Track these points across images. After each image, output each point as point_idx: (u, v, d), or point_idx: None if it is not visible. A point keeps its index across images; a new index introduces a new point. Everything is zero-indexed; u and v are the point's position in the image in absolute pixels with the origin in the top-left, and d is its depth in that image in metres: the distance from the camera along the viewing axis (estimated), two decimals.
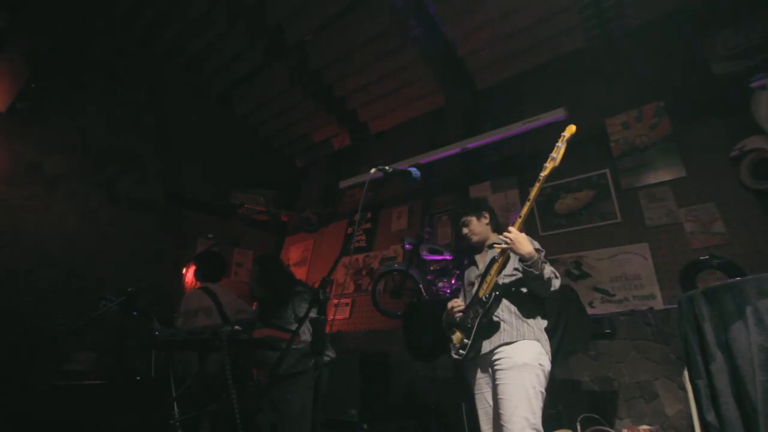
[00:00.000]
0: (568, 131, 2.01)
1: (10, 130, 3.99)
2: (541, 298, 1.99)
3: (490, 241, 2.20)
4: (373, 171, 1.80)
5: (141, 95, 4.31)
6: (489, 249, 2.18)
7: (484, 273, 2.04)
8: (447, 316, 2.12)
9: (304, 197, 6.47)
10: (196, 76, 5.41)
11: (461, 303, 2.09)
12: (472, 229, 2.23)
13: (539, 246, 1.97)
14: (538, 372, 1.80)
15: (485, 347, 1.92)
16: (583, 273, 3.55)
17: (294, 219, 6.15)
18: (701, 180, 3.26)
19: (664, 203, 3.37)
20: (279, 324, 2.62)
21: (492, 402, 1.91)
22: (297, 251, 6.02)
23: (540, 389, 1.78)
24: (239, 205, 5.56)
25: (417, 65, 4.69)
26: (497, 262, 1.95)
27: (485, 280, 1.99)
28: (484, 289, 1.97)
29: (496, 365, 1.87)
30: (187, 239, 5.15)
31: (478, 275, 2.11)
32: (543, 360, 1.85)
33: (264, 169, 6.16)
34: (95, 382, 3.00)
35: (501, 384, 1.81)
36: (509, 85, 4.63)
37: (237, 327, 1.99)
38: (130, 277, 4.38)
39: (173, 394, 2.49)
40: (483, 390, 1.97)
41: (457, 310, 2.06)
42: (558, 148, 1.97)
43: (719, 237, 3.05)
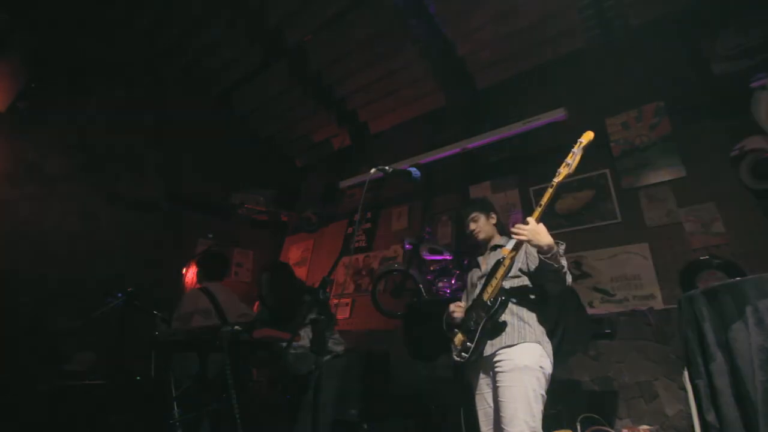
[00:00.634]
0: (585, 138, 1.90)
1: (10, 130, 3.99)
2: (543, 299, 1.97)
3: (494, 242, 2.18)
4: (373, 171, 1.80)
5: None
6: (492, 251, 2.15)
7: (488, 275, 2.00)
8: (448, 318, 2.10)
9: (304, 197, 6.47)
10: (196, 76, 5.42)
11: (462, 305, 2.07)
12: (480, 226, 2.18)
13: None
14: (538, 375, 1.79)
15: (487, 350, 1.91)
16: (583, 273, 3.55)
17: (294, 219, 6.15)
18: (701, 180, 3.26)
19: (664, 203, 3.37)
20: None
21: (492, 404, 1.91)
22: (297, 251, 6.02)
23: (540, 392, 1.77)
24: (239, 205, 5.56)
25: (417, 65, 4.69)
26: (503, 265, 1.91)
27: (490, 282, 1.96)
28: (488, 293, 1.93)
29: (496, 367, 1.86)
30: (187, 239, 5.15)
31: (481, 276, 2.09)
32: (544, 363, 1.84)
33: (264, 169, 6.16)
34: (95, 382, 3.00)
35: (501, 386, 1.80)
36: (509, 85, 4.63)
37: (237, 327, 1.99)
38: (130, 277, 4.38)
39: (173, 394, 2.49)
40: (483, 391, 1.96)
41: (459, 313, 2.04)
42: (574, 154, 1.88)
43: (719, 237, 3.05)
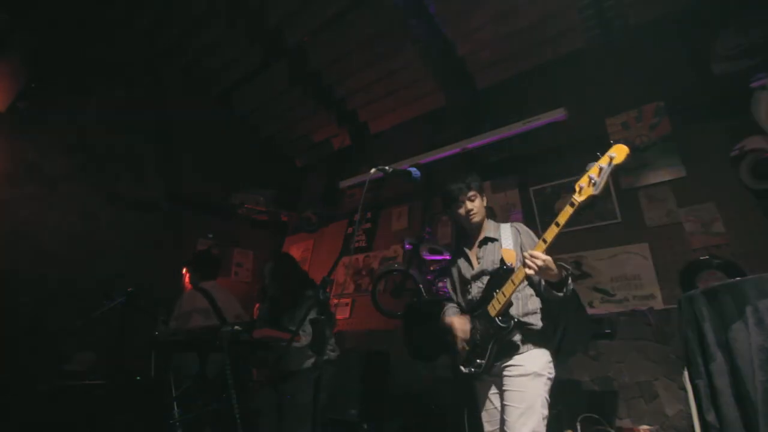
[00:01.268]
0: (619, 154, 1.55)
1: (10, 130, 3.99)
2: (547, 303, 1.93)
3: (485, 234, 2.04)
4: (373, 171, 1.79)
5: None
6: (484, 244, 2.02)
7: (489, 284, 1.89)
8: (447, 329, 2.02)
9: (304, 197, 6.47)
10: (196, 76, 5.42)
11: (465, 323, 1.95)
12: (478, 207, 2.00)
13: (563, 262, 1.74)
14: (546, 380, 1.77)
15: (499, 363, 1.85)
16: (583, 273, 3.54)
17: (294, 219, 6.15)
18: (701, 180, 3.26)
19: (664, 203, 3.37)
20: (286, 326, 2.61)
21: (498, 406, 1.87)
22: (297, 251, 6.02)
23: (547, 397, 1.76)
24: (239, 205, 5.56)
25: (417, 65, 4.68)
26: (512, 282, 1.76)
27: (495, 296, 1.84)
28: (495, 308, 1.82)
29: (505, 372, 1.82)
30: (187, 239, 5.15)
31: (475, 276, 2.00)
32: (551, 368, 1.82)
33: (264, 169, 6.16)
34: (95, 382, 3.00)
35: (510, 391, 1.77)
36: (509, 85, 4.63)
37: (237, 327, 1.98)
38: (130, 277, 4.38)
39: (173, 394, 2.49)
40: (489, 393, 1.92)
41: (462, 334, 1.93)
42: (602, 171, 1.55)
43: (719, 237, 3.05)
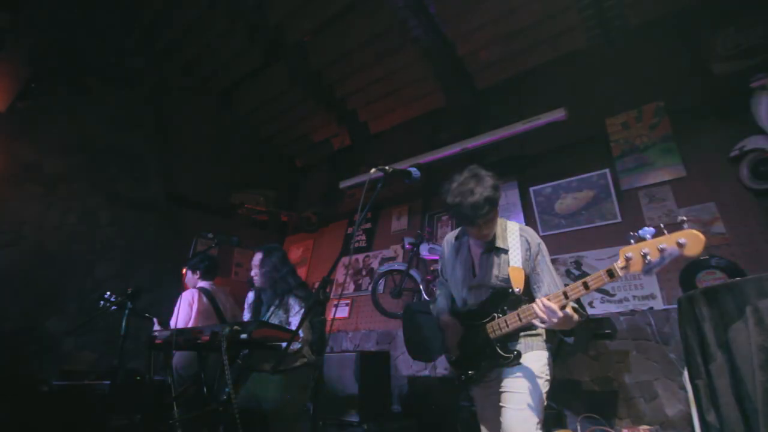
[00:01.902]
0: (691, 244, 1.22)
1: (10, 130, 3.99)
2: None
3: (494, 243, 1.86)
4: (373, 171, 1.78)
5: None
6: (491, 252, 1.85)
7: (491, 302, 1.80)
8: (441, 328, 1.99)
9: (304, 197, 6.47)
10: (196, 75, 5.42)
11: (458, 331, 1.89)
12: (492, 227, 1.82)
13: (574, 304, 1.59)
14: (544, 383, 1.74)
15: (491, 374, 1.83)
16: (583, 273, 3.55)
17: (294, 219, 6.15)
18: (701, 180, 3.26)
19: (664, 203, 3.37)
20: (271, 324, 2.60)
21: (495, 406, 1.82)
22: (297, 251, 6.02)
23: (544, 399, 1.73)
24: (239, 205, 5.57)
25: (417, 65, 4.69)
26: (519, 318, 1.68)
27: (496, 317, 1.76)
28: (495, 333, 1.75)
29: (505, 374, 1.78)
30: (187, 239, 5.15)
31: (474, 285, 1.88)
32: (549, 369, 1.79)
33: (264, 169, 6.16)
34: (95, 382, 3.00)
35: (509, 392, 1.72)
36: (509, 85, 4.63)
37: (236, 327, 1.98)
38: (130, 277, 4.39)
39: (173, 394, 2.49)
40: (485, 393, 1.88)
41: (454, 340, 1.89)
42: (662, 255, 1.27)
43: (719, 237, 3.05)
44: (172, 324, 3.10)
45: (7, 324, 3.54)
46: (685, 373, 1.95)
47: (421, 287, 3.88)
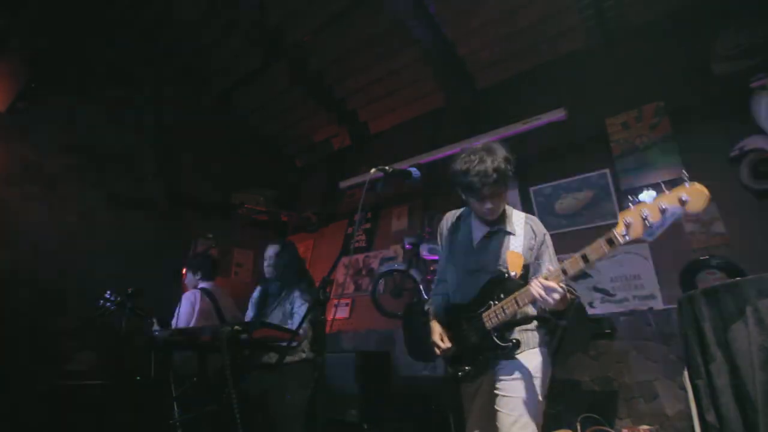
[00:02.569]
0: (694, 199, 1.14)
1: (10, 130, 3.99)
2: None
3: (498, 225, 1.81)
4: (373, 171, 1.78)
5: None
6: (489, 236, 1.81)
7: (488, 289, 1.72)
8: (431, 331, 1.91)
9: (304, 197, 6.47)
10: (196, 75, 5.41)
11: (448, 346, 1.80)
12: (500, 206, 1.76)
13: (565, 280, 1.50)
14: (543, 381, 1.69)
15: (488, 370, 1.75)
16: (583, 273, 3.55)
17: (294, 219, 6.15)
18: (701, 180, 3.24)
19: None
20: (274, 322, 2.60)
21: (485, 407, 1.76)
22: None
23: (541, 399, 1.67)
24: (239, 205, 5.56)
25: (417, 65, 4.69)
26: (516, 303, 1.60)
27: (492, 305, 1.68)
28: (491, 321, 1.67)
29: (500, 373, 1.71)
30: (187, 239, 5.15)
31: (471, 270, 1.81)
32: (547, 368, 1.73)
33: (264, 169, 6.16)
34: (95, 382, 3.01)
35: (506, 394, 1.66)
36: (509, 85, 4.63)
37: (237, 327, 1.98)
38: (130, 277, 4.37)
39: (173, 394, 2.49)
40: (477, 394, 1.80)
41: (447, 341, 1.80)
42: (664, 216, 1.17)
43: (719, 237, 3.05)
44: (173, 324, 3.10)
45: (7, 324, 3.54)
46: (685, 373, 1.95)
47: (421, 287, 3.87)
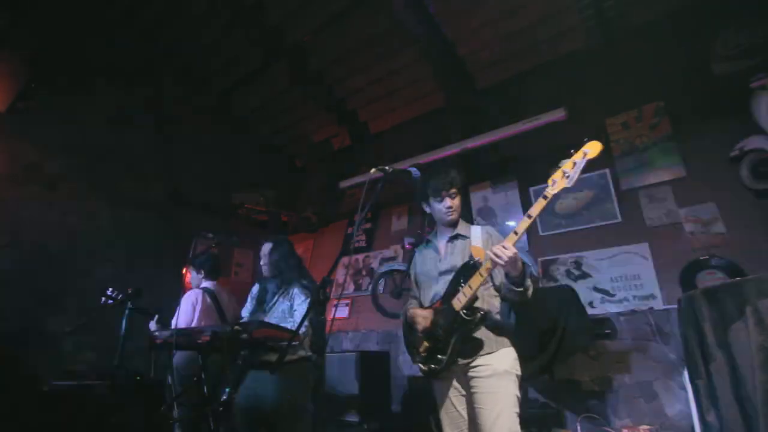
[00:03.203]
0: (593, 150, 1.59)
1: (10, 130, 3.99)
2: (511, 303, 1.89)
3: (457, 230, 2.01)
4: (373, 171, 1.79)
5: None
6: (455, 239, 2.00)
7: (455, 277, 1.83)
8: (410, 323, 1.98)
9: (304, 197, 6.47)
10: (196, 76, 5.41)
11: (427, 316, 1.89)
12: (457, 206, 1.99)
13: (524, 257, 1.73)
14: (515, 378, 1.75)
15: (461, 360, 1.79)
16: (583, 273, 3.55)
17: (294, 219, 6.15)
18: (701, 180, 3.26)
19: (664, 203, 3.37)
20: (274, 320, 2.59)
21: (460, 409, 1.83)
22: (297, 251, 6.01)
23: (518, 395, 1.73)
24: (239, 205, 5.56)
25: (417, 65, 4.69)
26: (480, 275, 1.71)
27: (460, 290, 1.77)
28: (460, 302, 1.76)
29: (472, 373, 1.77)
30: (187, 239, 5.14)
31: (443, 272, 1.94)
32: (518, 366, 1.80)
33: (264, 169, 6.16)
34: (95, 382, 3.00)
35: (480, 393, 1.72)
36: (509, 85, 4.63)
37: (237, 327, 1.98)
38: (130, 277, 4.38)
39: (173, 394, 2.49)
40: (452, 395, 1.86)
41: (424, 324, 1.88)
42: (575, 165, 1.58)
43: (719, 237, 3.06)
44: (173, 324, 3.10)
45: (7, 324, 3.54)
46: (685, 373, 1.95)
47: None
